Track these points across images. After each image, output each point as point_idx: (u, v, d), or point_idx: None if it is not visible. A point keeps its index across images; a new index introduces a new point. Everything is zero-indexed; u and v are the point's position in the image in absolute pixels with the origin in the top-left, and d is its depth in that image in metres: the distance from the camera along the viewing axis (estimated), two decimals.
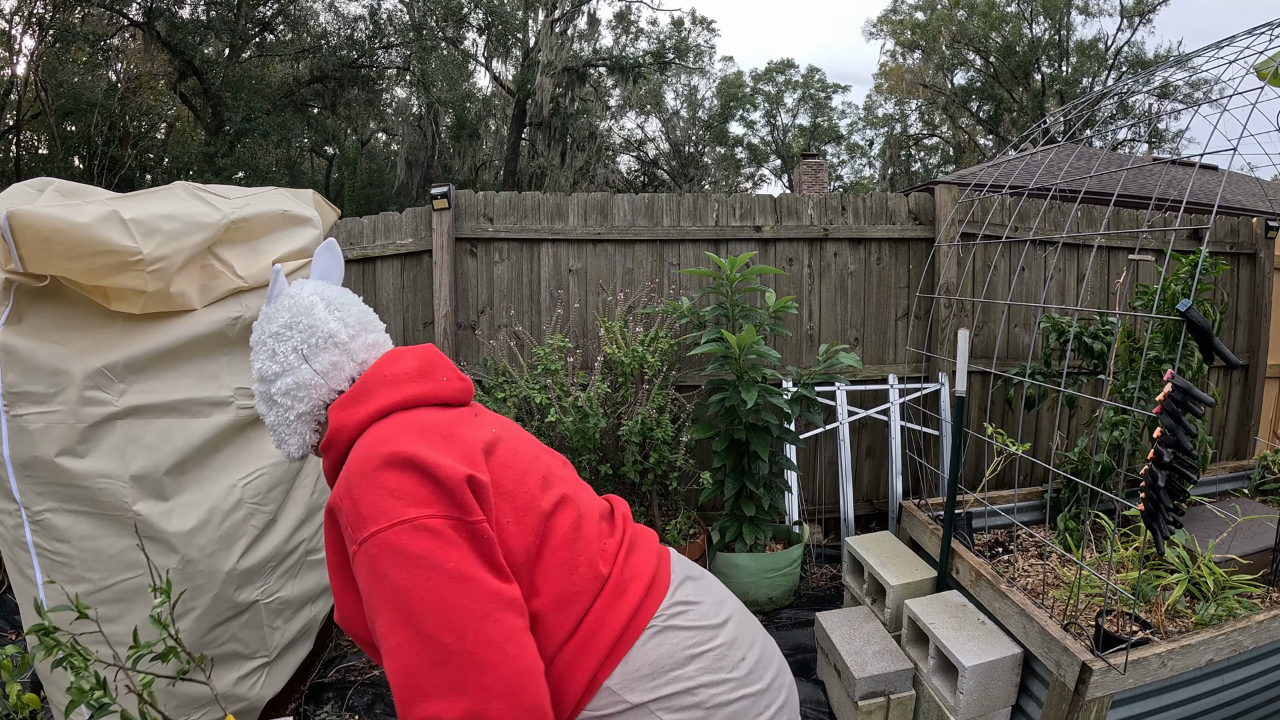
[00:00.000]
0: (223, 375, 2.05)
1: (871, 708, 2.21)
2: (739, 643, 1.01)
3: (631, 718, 0.91)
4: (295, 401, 1.13)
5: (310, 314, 1.16)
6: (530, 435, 1.18)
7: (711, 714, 0.92)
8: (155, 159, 17.91)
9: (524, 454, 1.05)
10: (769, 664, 1.04)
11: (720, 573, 3.12)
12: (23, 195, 1.78)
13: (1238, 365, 4.33)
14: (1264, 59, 1.99)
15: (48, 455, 1.65)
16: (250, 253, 2.20)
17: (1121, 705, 1.84)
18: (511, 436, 1.09)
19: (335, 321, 1.16)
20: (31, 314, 1.69)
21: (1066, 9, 24.06)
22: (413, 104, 21.55)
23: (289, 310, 1.17)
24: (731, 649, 0.99)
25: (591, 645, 0.93)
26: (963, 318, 3.69)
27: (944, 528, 2.51)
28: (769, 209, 3.71)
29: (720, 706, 0.93)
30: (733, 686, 0.96)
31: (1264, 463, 3.33)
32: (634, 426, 2.88)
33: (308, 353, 1.13)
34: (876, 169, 32.55)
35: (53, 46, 14.91)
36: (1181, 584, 2.22)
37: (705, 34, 26.38)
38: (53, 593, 1.70)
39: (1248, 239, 4.33)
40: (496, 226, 3.59)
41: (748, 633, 1.05)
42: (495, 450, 1.01)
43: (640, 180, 27.26)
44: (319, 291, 1.21)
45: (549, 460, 1.11)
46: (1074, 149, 6.03)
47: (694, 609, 1.02)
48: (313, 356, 1.13)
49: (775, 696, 1.01)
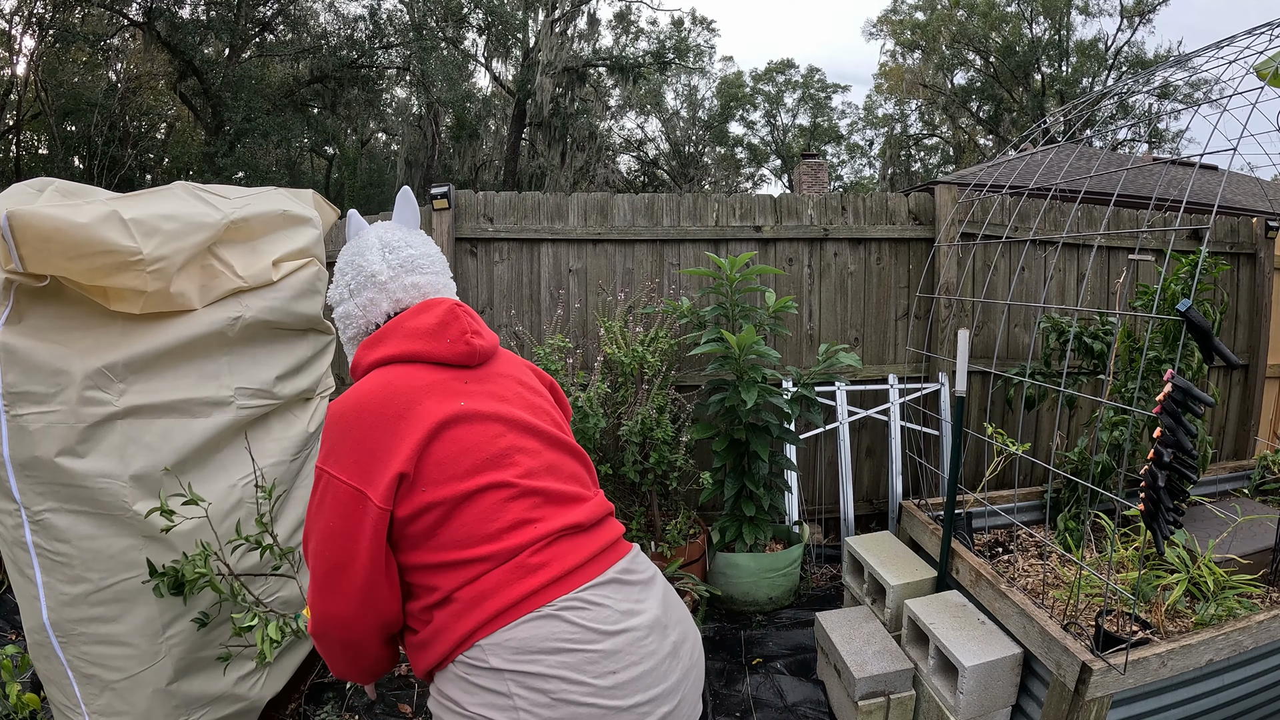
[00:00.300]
0: (223, 375, 2.05)
1: (871, 708, 2.21)
2: (620, 656, 1.04)
3: (488, 679, 1.01)
4: (345, 327, 1.33)
5: (363, 255, 1.32)
6: (520, 401, 1.24)
7: (555, 706, 0.98)
8: (155, 159, 17.92)
9: (475, 436, 1.13)
10: (649, 690, 1.04)
11: (720, 573, 3.12)
12: (23, 195, 1.78)
13: (1238, 365, 4.33)
14: (1264, 59, 1.99)
15: (48, 455, 1.65)
16: (250, 253, 2.20)
17: (1121, 705, 1.84)
18: (479, 413, 1.16)
19: (380, 262, 1.30)
20: (31, 314, 1.69)
21: (1066, 9, 24.06)
22: (413, 104, 21.56)
23: (353, 249, 1.35)
24: (607, 659, 1.03)
25: (476, 608, 1.04)
26: (963, 318, 3.69)
27: (944, 528, 2.51)
28: (769, 209, 3.71)
29: (566, 703, 0.99)
30: (587, 692, 1.00)
31: (1264, 463, 3.33)
32: (634, 426, 2.88)
33: (353, 289, 1.31)
34: (876, 169, 32.56)
35: (53, 46, 14.92)
36: (1181, 584, 2.22)
37: (705, 34, 26.41)
38: (54, 593, 1.70)
39: (1248, 239, 4.33)
40: (496, 226, 3.59)
41: (644, 654, 1.06)
42: (447, 431, 1.11)
43: (640, 180, 27.26)
44: (381, 233, 1.35)
45: (512, 440, 1.16)
46: (1074, 149, 6.03)
47: (593, 610, 1.07)
48: (356, 293, 1.30)
49: (636, 710, 1.03)
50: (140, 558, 1.76)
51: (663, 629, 1.12)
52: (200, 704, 1.90)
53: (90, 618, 1.72)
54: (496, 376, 1.25)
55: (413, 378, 1.16)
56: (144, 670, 1.78)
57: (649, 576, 1.21)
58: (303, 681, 2.50)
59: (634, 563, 1.21)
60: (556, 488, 1.17)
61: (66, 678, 1.73)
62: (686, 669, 1.14)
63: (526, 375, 1.34)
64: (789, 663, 2.72)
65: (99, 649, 1.74)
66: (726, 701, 2.49)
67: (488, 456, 1.12)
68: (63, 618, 1.70)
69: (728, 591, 3.11)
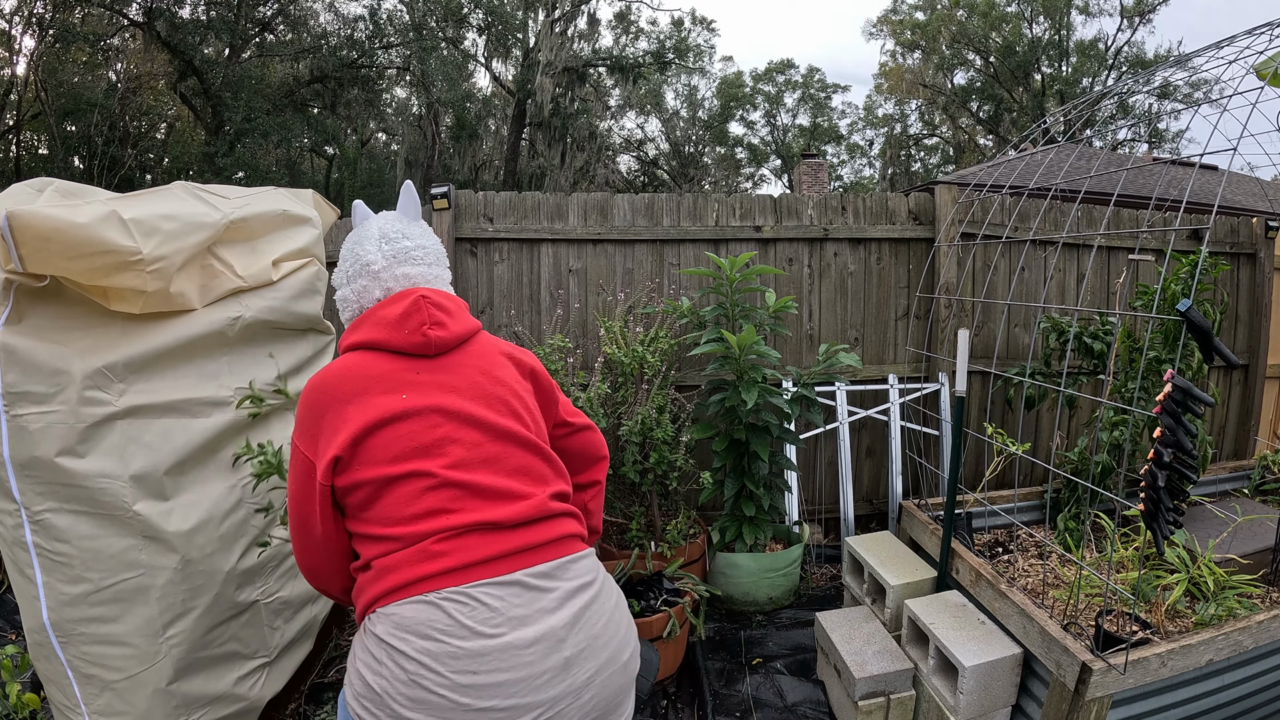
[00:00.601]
0: (223, 375, 2.05)
1: (871, 708, 2.21)
2: (486, 659, 1.07)
3: (372, 643, 1.11)
4: (343, 310, 1.42)
5: (362, 244, 1.41)
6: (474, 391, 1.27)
7: (411, 686, 1.05)
8: (155, 159, 17.92)
9: (410, 427, 1.21)
10: (510, 699, 1.06)
11: (720, 573, 3.12)
12: (23, 195, 1.78)
13: (1238, 365, 4.33)
14: (1264, 59, 1.99)
15: (48, 455, 1.65)
16: (250, 253, 2.20)
17: (1121, 705, 1.84)
18: (418, 406, 1.22)
19: (376, 252, 1.39)
20: (31, 314, 1.69)
21: (1066, 9, 24.06)
22: (413, 104, 21.56)
23: (355, 238, 1.43)
24: (471, 659, 1.06)
25: (381, 580, 1.15)
26: (963, 318, 3.69)
27: (944, 528, 2.51)
28: (769, 209, 3.71)
29: (420, 687, 1.05)
30: (441, 683, 1.05)
31: (1264, 463, 3.33)
32: (634, 426, 2.88)
33: (350, 276, 1.40)
34: (876, 169, 32.56)
35: (53, 46, 14.91)
36: (1181, 584, 2.22)
37: (705, 34, 26.42)
38: (54, 592, 1.70)
39: (1248, 239, 4.33)
40: (496, 226, 3.59)
41: (516, 663, 1.08)
42: (383, 423, 1.20)
43: (640, 180, 27.26)
44: (381, 224, 1.43)
45: (447, 431, 1.22)
46: (1074, 149, 6.03)
47: (476, 609, 1.10)
48: (353, 279, 1.40)
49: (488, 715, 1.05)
50: (140, 558, 1.76)
51: (557, 643, 1.12)
52: (200, 704, 1.90)
53: (90, 618, 1.72)
54: (455, 366, 1.29)
55: (370, 366, 1.26)
56: (144, 670, 1.78)
57: (574, 587, 1.20)
58: (303, 681, 2.50)
59: (561, 569, 1.21)
60: (484, 482, 1.20)
61: (66, 678, 1.73)
62: (579, 689, 1.13)
63: (496, 364, 1.34)
64: (789, 663, 2.72)
65: (99, 649, 1.74)
66: (726, 701, 2.49)
67: (418, 445, 1.19)
68: (63, 618, 1.70)
69: (728, 591, 3.11)
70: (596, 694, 1.16)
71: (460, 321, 1.34)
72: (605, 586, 1.27)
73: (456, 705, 1.04)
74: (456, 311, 1.35)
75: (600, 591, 1.24)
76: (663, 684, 2.62)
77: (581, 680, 1.14)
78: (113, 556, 1.74)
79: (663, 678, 2.61)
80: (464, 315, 1.36)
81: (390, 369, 1.26)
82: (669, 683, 2.65)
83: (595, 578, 1.26)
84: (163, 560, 1.80)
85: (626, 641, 1.25)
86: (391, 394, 1.23)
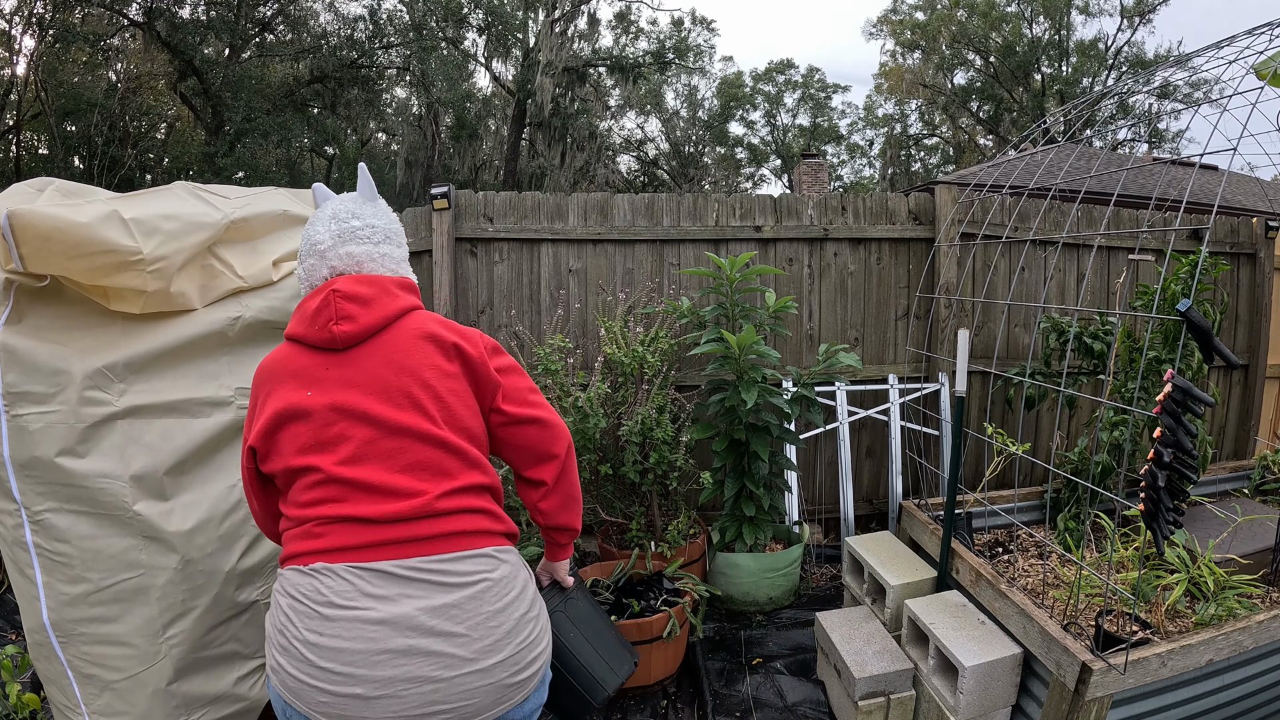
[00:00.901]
0: (223, 375, 2.05)
1: (871, 708, 2.21)
2: (334, 625, 1.19)
3: (275, 594, 1.30)
4: (301, 287, 1.45)
5: (313, 225, 1.44)
6: (375, 386, 1.30)
7: (282, 634, 1.23)
8: (155, 159, 17.91)
9: (309, 423, 1.29)
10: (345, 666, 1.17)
11: (720, 573, 3.12)
12: (23, 195, 1.78)
13: (1238, 365, 4.33)
14: (1264, 59, 1.99)
15: (48, 455, 1.65)
16: (250, 253, 2.19)
17: (1121, 705, 1.84)
18: (317, 404, 1.29)
19: (324, 231, 1.42)
20: (32, 314, 1.69)
21: (1066, 9, 24.06)
22: (413, 104, 21.55)
23: (310, 220, 1.46)
24: (320, 621, 1.20)
25: (285, 547, 1.31)
26: (963, 318, 3.69)
27: (944, 528, 2.51)
28: (769, 209, 3.71)
29: (285, 636, 1.23)
30: (296, 638, 1.21)
31: (1264, 463, 3.33)
32: (634, 426, 2.88)
33: (302, 256, 1.45)
34: (876, 169, 32.57)
35: (53, 46, 14.91)
36: (1181, 584, 2.22)
37: (705, 34, 26.38)
38: (54, 592, 1.70)
39: (1248, 239, 4.33)
40: (496, 226, 3.59)
41: (358, 635, 1.18)
42: (287, 420, 1.30)
43: (640, 180, 27.26)
44: (336, 205, 1.46)
45: (342, 429, 1.28)
46: (1074, 149, 6.03)
47: (338, 583, 1.22)
48: (303, 259, 1.44)
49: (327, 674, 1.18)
50: (140, 558, 1.76)
51: (405, 630, 1.18)
52: (200, 704, 1.90)
53: (90, 618, 1.72)
54: (361, 359, 1.31)
55: (289, 360, 1.35)
56: (144, 670, 1.78)
57: (449, 583, 1.23)
58: None
59: (436, 564, 1.24)
60: (370, 478, 1.26)
61: (66, 678, 1.73)
62: (419, 679, 1.17)
63: (409, 351, 1.33)
64: (789, 663, 2.72)
65: (99, 649, 1.74)
66: (726, 701, 2.49)
67: (316, 441, 1.28)
68: (63, 618, 1.70)
69: (728, 591, 3.11)
70: (446, 692, 1.19)
71: (375, 310, 1.33)
72: (494, 591, 1.27)
73: (304, 658, 1.19)
74: (374, 298, 1.33)
75: (483, 593, 1.25)
76: (663, 684, 2.62)
77: (425, 673, 1.18)
78: (113, 556, 1.74)
79: (663, 677, 2.61)
80: (383, 302, 1.34)
81: (303, 364, 1.33)
82: (669, 683, 2.65)
83: (481, 578, 1.27)
84: (163, 560, 1.80)
85: (497, 649, 1.25)
86: (299, 390, 1.30)
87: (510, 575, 1.32)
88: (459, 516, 1.29)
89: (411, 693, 1.18)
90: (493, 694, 1.24)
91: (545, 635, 1.38)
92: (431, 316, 1.40)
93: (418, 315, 1.39)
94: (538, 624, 1.35)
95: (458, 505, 1.29)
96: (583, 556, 3.23)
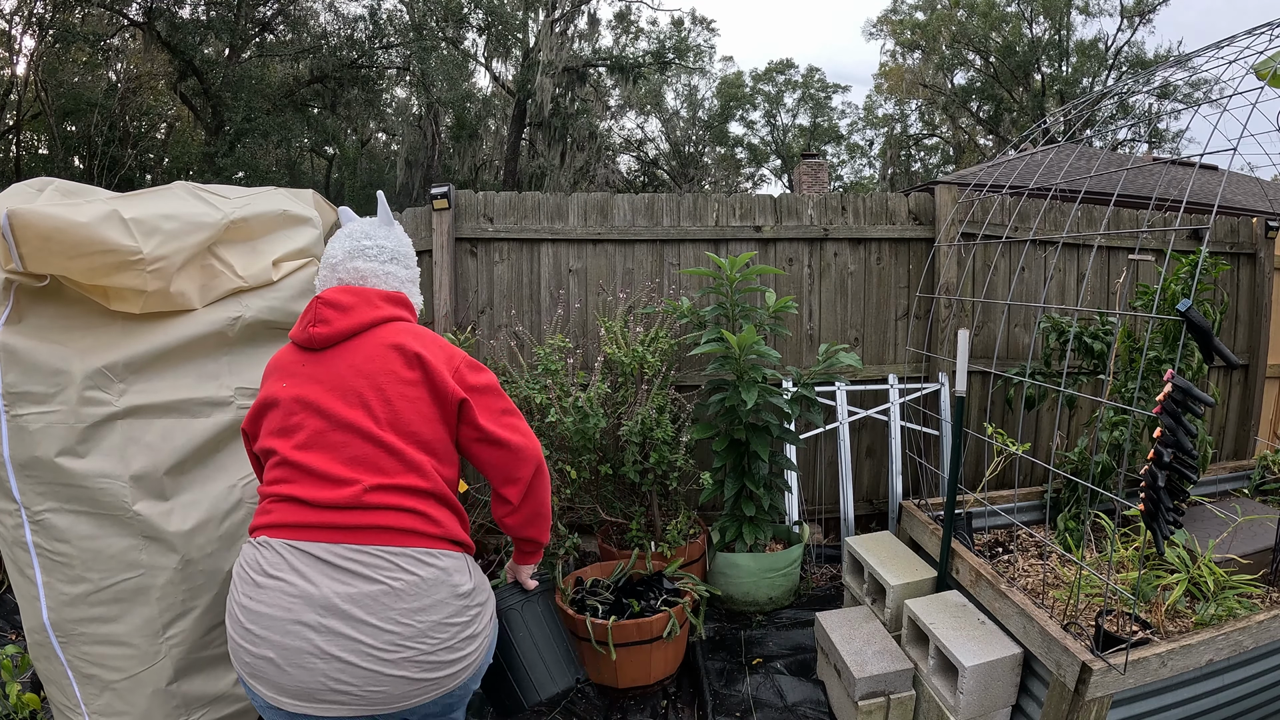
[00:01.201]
0: (223, 375, 2.05)
1: (871, 708, 2.21)
2: (263, 591, 1.32)
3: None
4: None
5: (332, 242, 1.63)
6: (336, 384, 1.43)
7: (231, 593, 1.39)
8: (155, 159, 17.91)
9: (280, 411, 1.44)
10: (263, 629, 1.30)
11: (720, 573, 3.12)
12: (23, 195, 1.78)
13: (1238, 365, 4.33)
14: (1264, 59, 1.99)
15: (48, 455, 1.65)
16: (250, 252, 2.19)
17: (1121, 705, 1.84)
18: (288, 395, 1.44)
19: (339, 247, 1.60)
20: (32, 314, 1.69)
21: (1066, 9, 24.05)
22: (413, 104, 21.54)
23: (332, 239, 1.64)
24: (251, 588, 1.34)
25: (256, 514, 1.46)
26: (963, 318, 3.69)
27: (944, 528, 2.51)
28: (769, 209, 3.71)
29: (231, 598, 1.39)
30: (235, 599, 1.37)
31: (1264, 463, 3.33)
32: (634, 426, 2.88)
33: (320, 270, 1.62)
34: (876, 169, 32.57)
35: (53, 46, 14.91)
36: (1181, 584, 2.22)
37: (705, 34, 26.36)
38: (54, 593, 1.70)
39: (1248, 239, 4.33)
40: (496, 226, 3.59)
41: (276, 604, 1.30)
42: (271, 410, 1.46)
43: (640, 180, 27.25)
44: (354, 226, 1.66)
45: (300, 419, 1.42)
46: (1074, 149, 6.03)
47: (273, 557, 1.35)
48: (320, 270, 1.62)
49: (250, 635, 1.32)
50: (140, 558, 1.76)
51: (319, 608, 1.28)
52: (200, 704, 1.90)
53: (90, 618, 1.72)
54: (330, 360, 1.46)
55: (281, 357, 1.54)
56: (144, 670, 1.78)
57: (368, 575, 1.31)
58: None
59: (359, 554, 1.33)
60: (317, 465, 1.38)
61: (66, 678, 1.73)
62: (325, 656, 1.26)
63: (372, 357, 1.45)
64: (789, 663, 2.72)
65: (99, 649, 1.74)
66: (726, 701, 2.49)
67: (280, 427, 1.44)
68: (63, 618, 1.71)
69: (728, 591, 3.11)
70: (353, 674, 1.27)
71: (350, 317, 1.47)
72: (414, 591, 1.33)
73: (237, 620, 1.34)
74: (353, 306, 1.48)
75: (401, 591, 1.32)
76: (663, 684, 2.62)
77: (333, 651, 1.27)
78: (113, 556, 1.74)
79: (663, 677, 2.61)
80: (360, 310, 1.48)
81: (290, 360, 1.51)
82: (669, 683, 2.65)
83: (401, 577, 1.33)
84: (163, 560, 1.80)
85: (405, 647, 1.30)
86: (279, 382, 1.48)
87: (437, 580, 1.36)
88: (387, 513, 1.36)
89: (319, 668, 1.27)
90: (400, 686, 1.31)
91: (476, 644, 1.43)
92: (410, 328, 1.51)
93: (395, 326, 1.51)
94: (465, 630, 1.39)
95: (387, 502, 1.37)
96: (583, 556, 3.23)
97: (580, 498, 3.13)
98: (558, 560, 2.84)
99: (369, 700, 1.29)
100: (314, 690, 1.27)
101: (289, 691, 1.28)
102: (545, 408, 2.92)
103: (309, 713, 1.29)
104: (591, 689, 2.59)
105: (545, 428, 2.95)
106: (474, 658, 1.42)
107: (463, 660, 1.39)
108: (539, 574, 1.86)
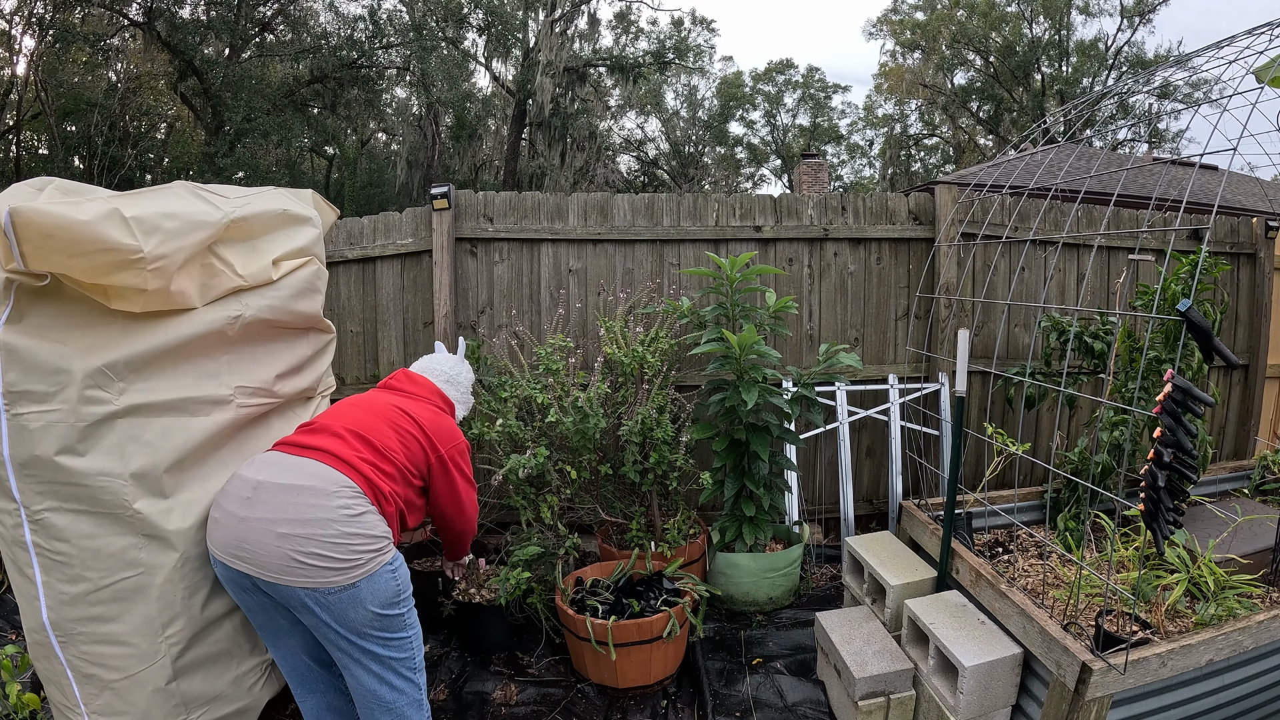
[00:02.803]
0: (223, 374, 2.05)
1: (871, 708, 2.21)
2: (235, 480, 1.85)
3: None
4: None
5: (424, 359, 2.51)
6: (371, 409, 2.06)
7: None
8: (155, 159, 17.90)
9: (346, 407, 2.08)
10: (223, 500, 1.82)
11: (720, 573, 3.12)
12: (23, 194, 1.78)
13: (1238, 365, 4.33)
14: (1264, 60, 1.99)
15: (47, 454, 1.65)
16: (250, 251, 2.20)
17: (1121, 705, 1.84)
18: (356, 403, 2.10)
19: (422, 363, 2.47)
20: (32, 312, 1.69)
21: (1066, 9, 24.05)
22: (413, 104, 21.54)
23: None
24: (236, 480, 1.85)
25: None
26: (963, 318, 3.69)
27: (944, 528, 2.51)
28: (769, 209, 3.71)
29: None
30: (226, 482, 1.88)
31: (1264, 463, 3.33)
32: (634, 426, 2.88)
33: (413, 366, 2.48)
34: (876, 169, 32.56)
35: (53, 46, 14.89)
36: (1181, 584, 2.22)
37: (705, 34, 26.34)
38: (53, 592, 1.70)
39: (1248, 239, 4.33)
40: (496, 226, 3.59)
41: (237, 484, 1.82)
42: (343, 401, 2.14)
43: (640, 180, 27.25)
44: (441, 356, 2.52)
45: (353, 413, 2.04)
46: (1074, 149, 6.03)
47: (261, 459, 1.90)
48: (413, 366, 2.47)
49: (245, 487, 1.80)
50: (140, 557, 1.76)
51: (257, 488, 1.78)
52: (200, 703, 1.90)
53: (90, 617, 1.72)
54: (385, 399, 2.13)
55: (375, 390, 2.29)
56: (143, 670, 1.78)
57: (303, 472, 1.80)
58: None
59: (303, 463, 1.83)
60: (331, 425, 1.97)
61: (66, 677, 1.73)
62: (254, 520, 1.71)
63: (403, 413, 2.08)
64: (789, 663, 2.71)
65: (98, 648, 1.74)
66: (726, 701, 2.49)
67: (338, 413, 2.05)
68: (62, 617, 1.70)
69: (728, 591, 3.11)
70: (241, 532, 1.72)
71: (410, 391, 2.24)
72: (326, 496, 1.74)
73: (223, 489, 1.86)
74: (413, 389, 2.25)
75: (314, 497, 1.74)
76: (663, 684, 2.62)
77: (257, 516, 1.72)
78: (112, 555, 1.74)
79: (663, 677, 2.61)
80: (419, 389, 2.25)
81: (375, 392, 2.26)
82: (669, 683, 2.65)
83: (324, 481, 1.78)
84: (162, 559, 1.80)
85: (289, 524, 1.70)
86: (365, 396, 2.20)
87: (345, 504, 1.75)
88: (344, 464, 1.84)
89: (255, 533, 1.70)
90: (276, 558, 1.66)
91: (361, 560, 1.72)
92: (433, 414, 2.14)
93: (428, 407, 2.18)
94: (359, 550, 1.72)
95: (350, 456, 1.87)
96: (583, 556, 3.23)
97: (580, 498, 3.13)
98: (558, 560, 2.84)
99: (255, 561, 1.69)
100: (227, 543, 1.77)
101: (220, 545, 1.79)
102: (545, 407, 2.92)
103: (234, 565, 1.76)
104: (591, 689, 2.59)
105: (545, 427, 2.95)
106: (363, 570, 1.72)
107: (346, 569, 1.69)
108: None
